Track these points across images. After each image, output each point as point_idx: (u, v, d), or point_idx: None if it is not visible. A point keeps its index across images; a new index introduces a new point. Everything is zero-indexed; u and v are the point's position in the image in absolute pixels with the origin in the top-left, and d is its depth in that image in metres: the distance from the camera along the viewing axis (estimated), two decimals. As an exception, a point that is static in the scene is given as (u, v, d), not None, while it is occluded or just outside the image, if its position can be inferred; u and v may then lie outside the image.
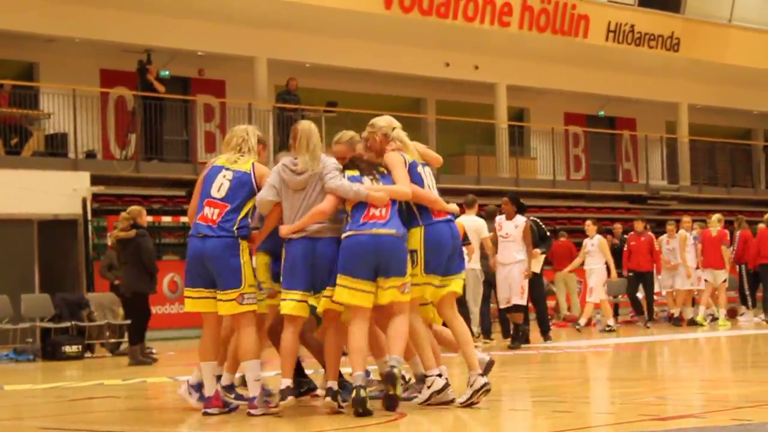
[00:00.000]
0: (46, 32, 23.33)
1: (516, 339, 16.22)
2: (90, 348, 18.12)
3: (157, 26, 24.03)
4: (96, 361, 17.40)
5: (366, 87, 28.51)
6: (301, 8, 25.04)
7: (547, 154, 30.76)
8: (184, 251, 9.30)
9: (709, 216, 23.86)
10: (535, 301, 17.03)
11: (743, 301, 23.35)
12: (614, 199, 31.13)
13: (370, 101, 27.56)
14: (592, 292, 20.23)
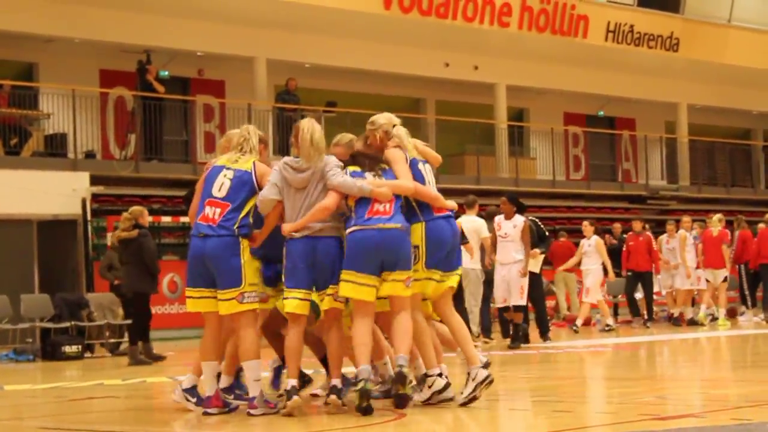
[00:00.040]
0: (45, 32, 23.32)
1: (516, 339, 16.23)
2: (90, 348, 18.14)
3: (157, 26, 24.02)
4: (96, 361, 17.41)
5: (365, 87, 28.50)
6: (300, 8, 25.03)
7: (547, 154, 30.76)
8: (184, 251, 9.32)
9: (708, 216, 23.88)
10: (534, 301, 17.06)
11: (743, 301, 23.38)
12: (614, 199, 31.12)
13: (370, 101, 27.53)
14: (588, 292, 20.25)
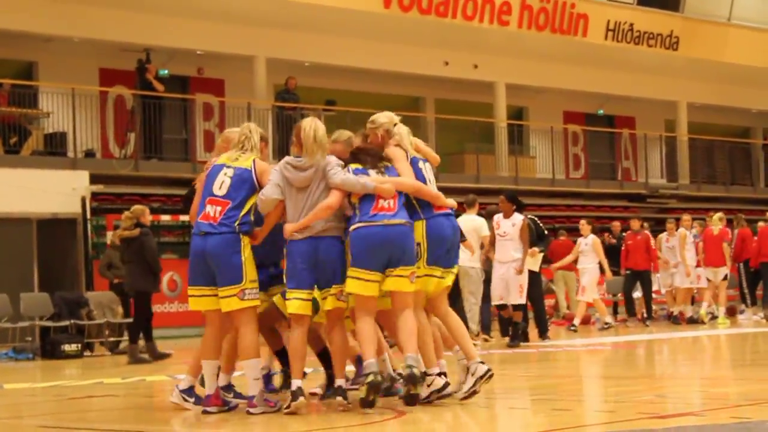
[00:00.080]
0: (45, 31, 23.32)
1: (515, 337, 16.24)
2: (89, 347, 18.14)
3: (156, 25, 24.03)
4: (95, 359, 17.42)
5: (365, 86, 28.50)
6: (300, 7, 25.03)
7: (547, 153, 30.75)
8: (184, 250, 9.32)
9: (708, 214, 23.88)
10: (533, 300, 17.02)
11: (743, 299, 23.38)
12: (613, 198, 31.13)
13: (369, 100, 27.52)
14: (584, 291, 20.24)
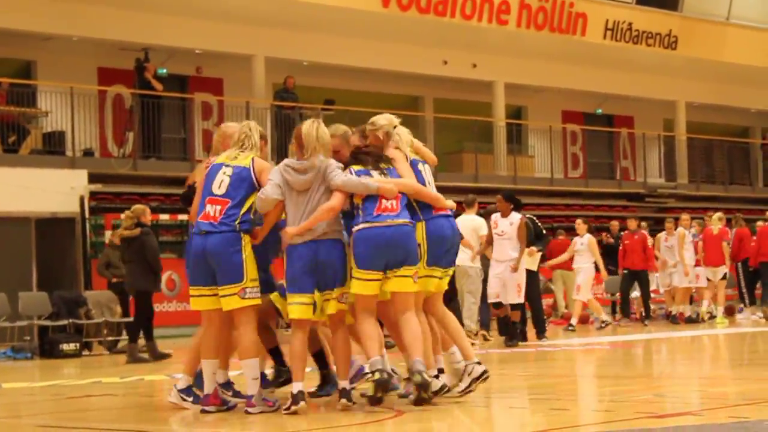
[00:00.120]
0: (43, 30, 23.31)
1: (513, 337, 16.24)
2: (88, 346, 18.14)
3: (155, 24, 24.02)
4: (94, 358, 17.42)
5: (364, 85, 28.49)
6: (298, 6, 25.03)
7: (545, 152, 30.75)
8: (182, 249, 9.31)
9: (707, 214, 23.88)
10: (531, 299, 16.98)
11: (741, 299, 23.38)
12: (612, 197, 31.12)
13: (368, 99, 27.54)
14: (579, 289, 20.24)
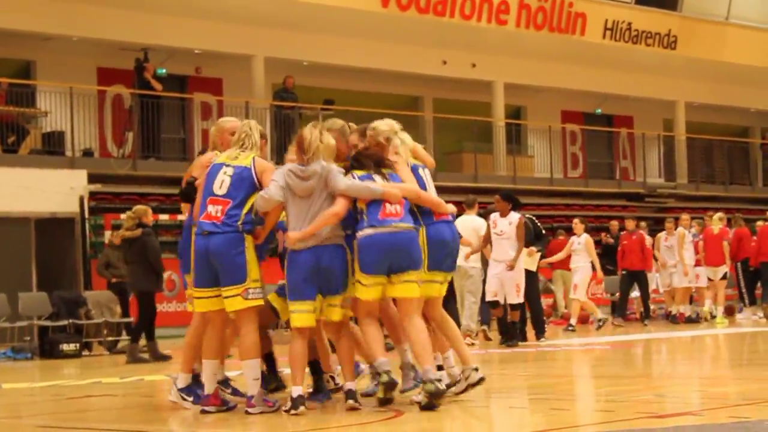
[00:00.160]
0: (43, 30, 23.31)
1: (513, 337, 16.26)
2: (87, 346, 18.14)
3: (155, 24, 24.01)
4: (94, 359, 17.42)
5: (363, 85, 28.49)
6: (298, 6, 25.02)
7: (545, 152, 30.75)
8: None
9: (707, 213, 23.87)
10: (530, 300, 16.96)
11: (741, 299, 23.38)
12: (611, 197, 31.11)
13: (368, 99, 27.55)
14: (576, 289, 20.22)
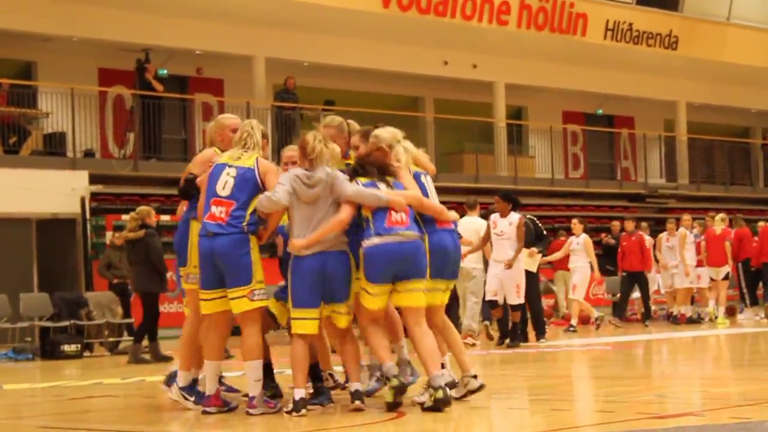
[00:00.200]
0: (44, 31, 23.31)
1: (515, 338, 16.27)
2: (89, 347, 18.14)
3: (156, 25, 24.02)
4: (95, 360, 17.42)
5: (364, 86, 28.49)
6: (299, 7, 25.02)
7: (546, 153, 30.75)
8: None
9: (708, 214, 23.85)
10: (530, 300, 16.94)
11: (742, 299, 23.37)
12: (612, 198, 31.11)
13: (369, 100, 27.55)
14: (575, 289, 20.20)
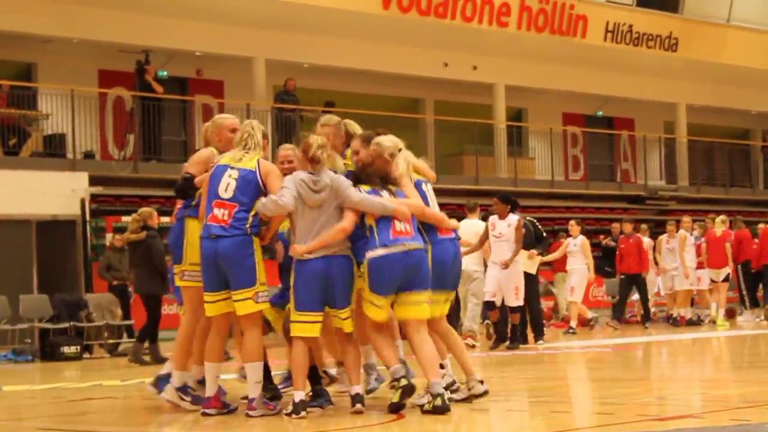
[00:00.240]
0: (44, 33, 23.30)
1: (514, 339, 16.27)
2: (88, 349, 18.14)
3: (156, 27, 24.01)
4: (94, 361, 17.42)
5: (364, 87, 28.48)
6: (299, 8, 25.01)
7: (546, 155, 30.75)
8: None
9: (708, 216, 23.85)
10: (529, 303, 16.92)
11: (742, 301, 23.36)
12: (612, 200, 31.10)
13: (369, 101, 27.55)
14: (573, 291, 20.19)
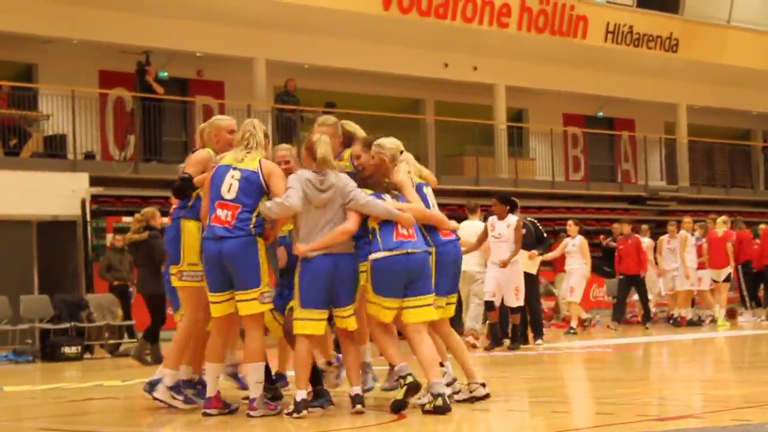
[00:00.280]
0: (44, 33, 23.30)
1: (515, 340, 16.28)
2: (89, 349, 18.14)
3: (156, 27, 24.02)
4: (95, 362, 17.42)
5: (365, 88, 28.48)
6: (299, 9, 25.02)
7: (546, 155, 30.75)
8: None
9: (708, 216, 23.84)
10: (529, 303, 16.91)
11: (742, 302, 23.35)
12: (613, 200, 31.09)
13: (369, 102, 27.55)
14: (572, 291, 20.17)
